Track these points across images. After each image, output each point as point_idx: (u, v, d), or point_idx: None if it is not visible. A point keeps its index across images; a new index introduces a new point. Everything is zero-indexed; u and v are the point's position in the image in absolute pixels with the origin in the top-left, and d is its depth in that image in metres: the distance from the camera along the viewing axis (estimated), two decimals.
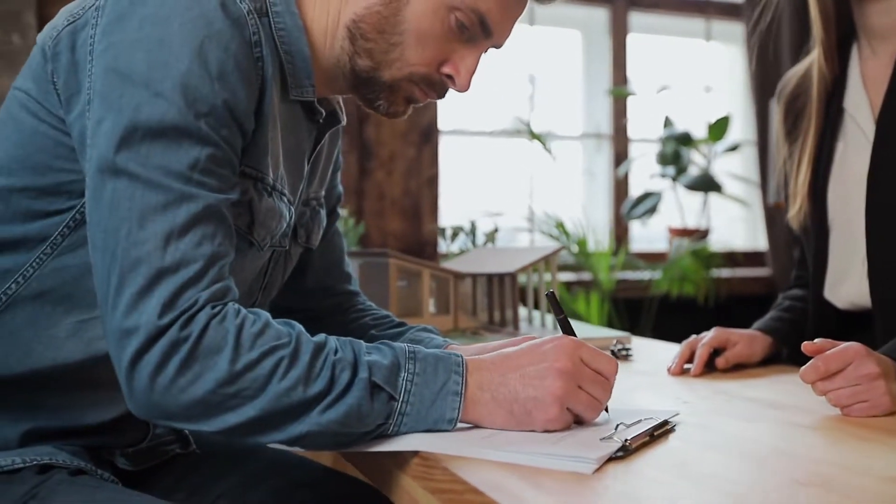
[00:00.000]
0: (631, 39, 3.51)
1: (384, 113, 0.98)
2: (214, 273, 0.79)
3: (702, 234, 3.31)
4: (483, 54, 0.98)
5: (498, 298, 1.54)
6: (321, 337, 0.83)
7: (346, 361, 0.81)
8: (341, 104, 1.10)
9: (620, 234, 3.45)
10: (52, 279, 0.88)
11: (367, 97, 0.97)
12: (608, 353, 1.37)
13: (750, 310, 1.97)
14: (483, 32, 0.95)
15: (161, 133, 0.79)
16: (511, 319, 1.52)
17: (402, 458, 0.83)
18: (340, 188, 1.22)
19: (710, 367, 1.24)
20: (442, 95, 0.98)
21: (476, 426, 0.85)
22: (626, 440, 0.79)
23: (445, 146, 3.31)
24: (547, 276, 1.54)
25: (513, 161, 3.45)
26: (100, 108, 0.81)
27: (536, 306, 1.56)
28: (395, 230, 3.21)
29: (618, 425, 0.84)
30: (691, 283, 3.05)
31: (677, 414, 0.93)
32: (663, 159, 3.28)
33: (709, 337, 1.25)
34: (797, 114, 1.40)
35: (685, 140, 3.26)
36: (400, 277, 1.52)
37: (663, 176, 3.26)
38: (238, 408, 0.78)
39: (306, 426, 0.79)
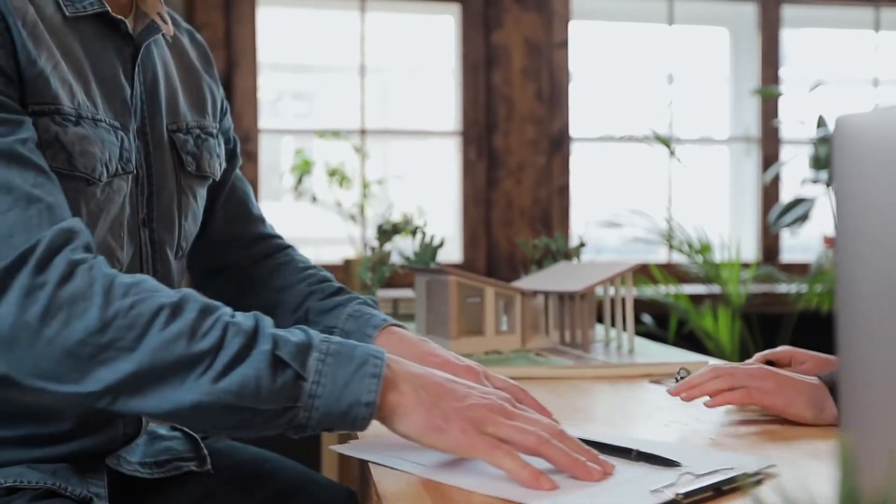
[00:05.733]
0: (784, 35, 3.26)
1: None
2: (44, 215, 0.75)
3: None
4: None
5: (569, 317, 1.46)
6: (215, 301, 0.77)
7: (243, 328, 0.73)
8: (164, 15, 1.00)
9: (770, 243, 3.20)
10: None
11: None
12: (672, 381, 1.26)
13: None
14: None
15: None
16: (580, 340, 1.43)
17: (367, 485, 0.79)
18: (232, 134, 1.16)
19: None
20: None
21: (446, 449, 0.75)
22: (677, 494, 0.67)
23: (579, 154, 3.21)
24: (624, 294, 1.44)
25: (652, 167, 3.29)
26: None
27: (614, 325, 1.47)
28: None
29: (683, 474, 0.73)
30: None
31: (773, 466, 0.77)
32: (816, 163, 3.02)
33: (766, 352, 1.10)
34: None
35: None
36: (470, 294, 1.47)
37: (815, 181, 3.00)
38: (112, 361, 0.70)
39: (196, 394, 0.71)
